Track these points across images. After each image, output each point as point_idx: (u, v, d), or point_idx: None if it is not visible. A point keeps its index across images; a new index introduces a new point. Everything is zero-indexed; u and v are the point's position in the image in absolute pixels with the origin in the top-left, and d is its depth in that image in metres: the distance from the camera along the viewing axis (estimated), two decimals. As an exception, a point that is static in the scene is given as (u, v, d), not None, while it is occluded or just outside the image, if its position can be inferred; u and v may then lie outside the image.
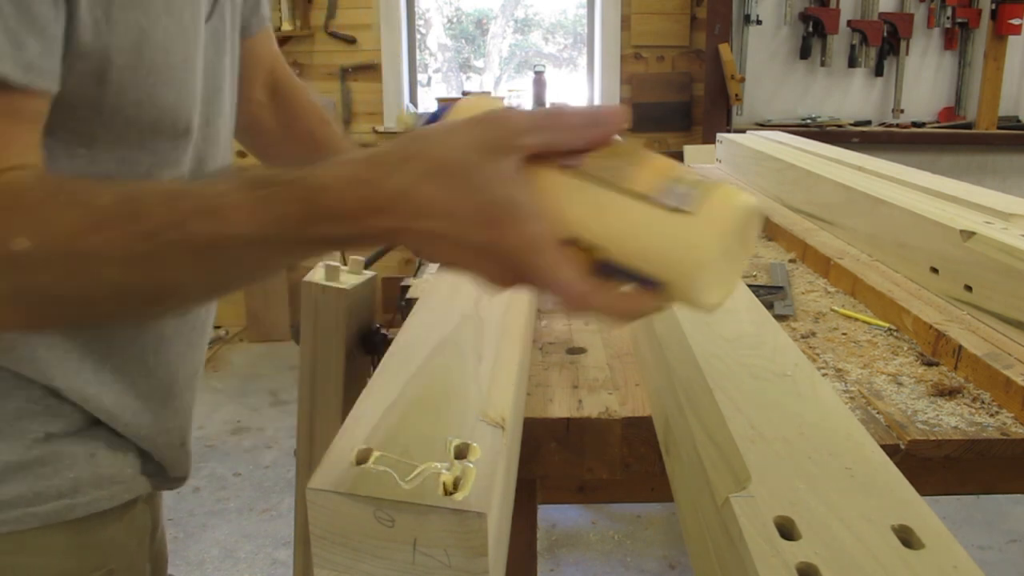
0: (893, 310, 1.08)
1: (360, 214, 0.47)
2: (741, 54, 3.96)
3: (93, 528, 0.71)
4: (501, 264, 0.48)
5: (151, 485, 0.77)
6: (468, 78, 4.88)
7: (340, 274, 1.25)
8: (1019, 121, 4.07)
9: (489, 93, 4.36)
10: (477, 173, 0.46)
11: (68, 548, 0.70)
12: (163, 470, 0.78)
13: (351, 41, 4.10)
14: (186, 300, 0.58)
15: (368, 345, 1.32)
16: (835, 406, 0.62)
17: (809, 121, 3.99)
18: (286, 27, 3.98)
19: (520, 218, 0.46)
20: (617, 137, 0.50)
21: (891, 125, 4.03)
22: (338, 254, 1.26)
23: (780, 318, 1.10)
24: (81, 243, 0.48)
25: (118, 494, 0.72)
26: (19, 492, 0.67)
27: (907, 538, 0.45)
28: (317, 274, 1.26)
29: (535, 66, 4.31)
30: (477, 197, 0.46)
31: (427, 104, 4.44)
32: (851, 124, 4.00)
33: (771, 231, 1.62)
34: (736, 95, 3.83)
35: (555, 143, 0.48)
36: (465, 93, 4.31)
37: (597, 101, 4.27)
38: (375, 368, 0.76)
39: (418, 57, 4.44)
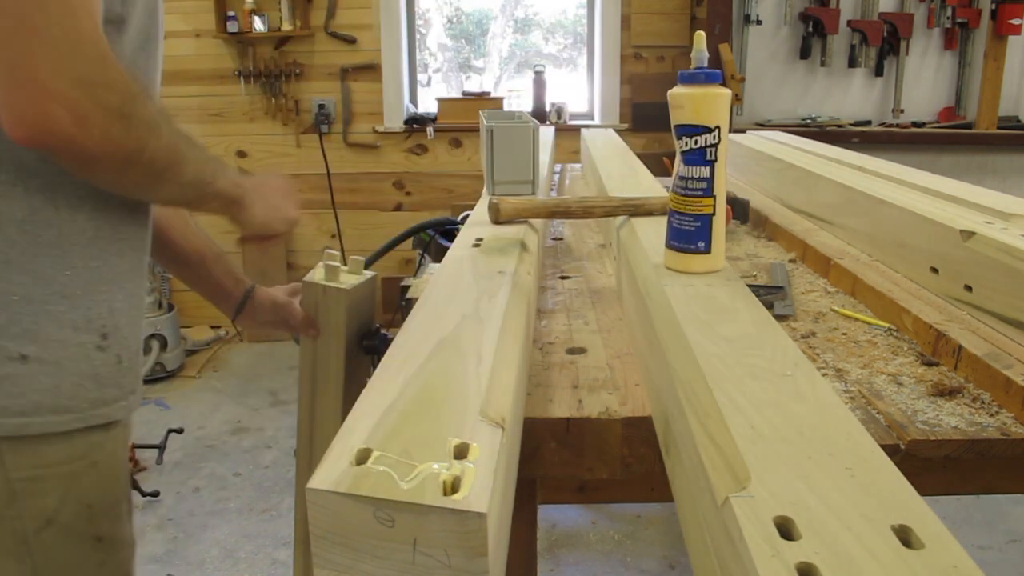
0: (893, 310, 1.08)
1: (235, 200, 1.00)
2: (741, 54, 3.96)
3: (50, 443, 0.88)
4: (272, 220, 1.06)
5: (103, 417, 0.92)
6: (468, 78, 4.86)
7: (340, 274, 1.25)
8: (1019, 121, 4.07)
9: (489, 93, 4.35)
10: (284, 188, 1.11)
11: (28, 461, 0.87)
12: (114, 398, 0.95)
13: (351, 41, 4.10)
14: (166, 190, 0.91)
15: (368, 345, 1.32)
16: (835, 406, 0.62)
17: (809, 121, 3.99)
18: (286, 27, 3.98)
19: (292, 205, 1.10)
20: None
21: (891, 125, 4.03)
22: (339, 255, 1.27)
23: (780, 318, 1.10)
24: (155, 141, 0.83)
25: (69, 422, 0.88)
26: None
27: (907, 538, 0.45)
28: (317, 274, 1.26)
29: (535, 66, 4.31)
30: (282, 198, 1.09)
31: (427, 104, 4.45)
32: (851, 124, 4.00)
33: (771, 231, 1.62)
34: (736, 95, 3.83)
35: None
36: (465, 93, 4.31)
37: (597, 101, 4.28)
38: (375, 368, 0.76)
39: (418, 57, 4.44)
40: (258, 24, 3.96)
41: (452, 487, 0.50)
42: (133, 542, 1.00)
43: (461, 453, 0.54)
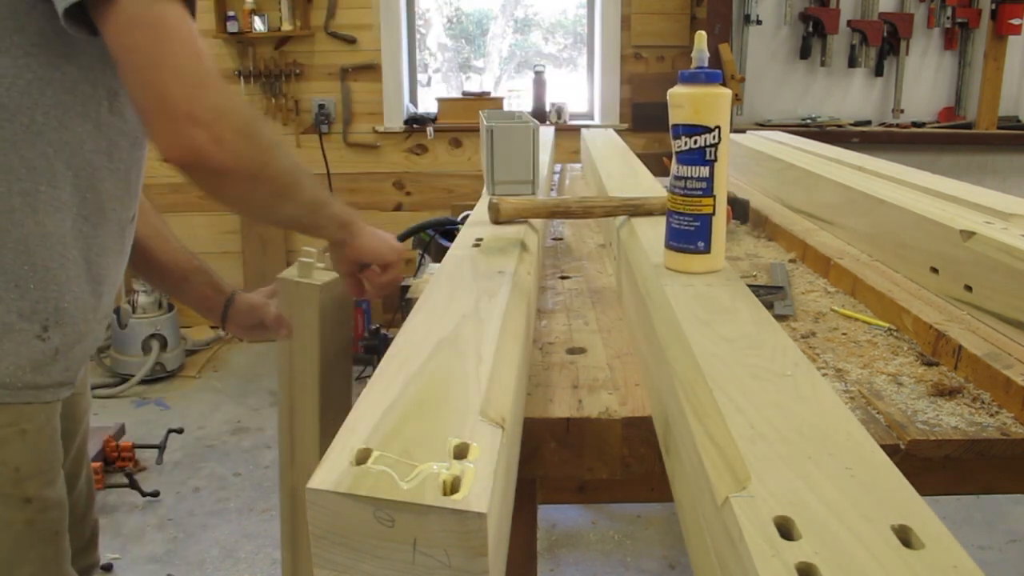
0: (893, 310, 1.08)
1: (348, 223, 1.16)
2: (741, 54, 3.96)
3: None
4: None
5: (34, 397, 0.98)
6: (468, 78, 4.86)
7: (313, 271, 1.26)
8: (1019, 121, 4.07)
9: (489, 93, 4.35)
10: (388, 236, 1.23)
11: None
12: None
13: (351, 41, 4.10)
14: (287, 209, 1.03)
15: (368, 345, 1.32)
16: (835, 406, 0.62)
17: (809, 121, 3.99)
18: (286, 27, 3.97)
19: (398, 255, 1.22)
20: None
21: (891, 125, 4.02)
22: (316, 251, 1.27)
23: (780, 318, 1.10)
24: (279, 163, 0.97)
25: (2, 396, 0.95)
26: None
27: (907, 538, 0.45)
28: (292, 271, 1.27)
29: (535, 66, 4.31)
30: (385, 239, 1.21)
31: (427, 104, 4.44)
32: (851, 124, 4.00)
33: (771, 231, 1.62)
34: (736, 95, 3.83)
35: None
36: (465, 93, 4.31)
37: (597, 101, 4.28)
38: (375, 368, 0.76)
39: (418, 57, 4.44)
40: (258, 24, 3.96)
41: (452, 487, 0.50)
42: (65, 504, 1.05)
43: (461, 453, 0.54)
